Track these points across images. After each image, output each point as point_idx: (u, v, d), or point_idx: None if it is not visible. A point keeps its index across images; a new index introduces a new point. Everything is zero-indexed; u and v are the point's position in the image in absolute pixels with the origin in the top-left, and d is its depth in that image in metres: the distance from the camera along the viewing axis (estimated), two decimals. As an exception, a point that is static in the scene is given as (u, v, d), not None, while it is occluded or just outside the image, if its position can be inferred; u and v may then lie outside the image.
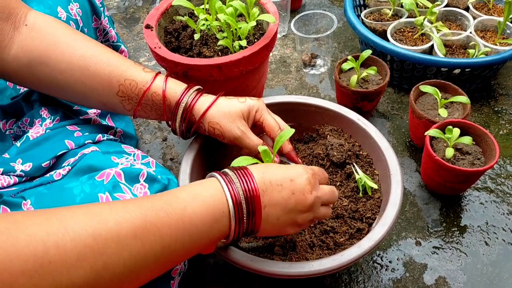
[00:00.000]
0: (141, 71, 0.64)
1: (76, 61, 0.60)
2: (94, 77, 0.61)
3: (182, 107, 0.64)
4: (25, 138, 0.63)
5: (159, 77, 0.65)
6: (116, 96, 0.63)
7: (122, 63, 0.63)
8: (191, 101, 0.64)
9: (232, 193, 0.49)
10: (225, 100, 0.66)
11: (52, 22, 0.61)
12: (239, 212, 0.49)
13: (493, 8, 1.10)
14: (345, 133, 0.79)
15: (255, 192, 0.50)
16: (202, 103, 0.65)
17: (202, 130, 0.67)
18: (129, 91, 0.63)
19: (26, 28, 0.58)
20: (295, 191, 0.53)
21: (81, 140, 0.64)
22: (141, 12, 1.41)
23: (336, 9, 1.37)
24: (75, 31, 0.64)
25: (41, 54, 0.59)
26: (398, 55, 0.96)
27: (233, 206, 0.49)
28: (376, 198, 0.71)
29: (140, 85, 0.63)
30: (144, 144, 1.00)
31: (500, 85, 1.06)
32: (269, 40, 0.79)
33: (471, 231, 0.80)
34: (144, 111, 0.66)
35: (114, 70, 0.62)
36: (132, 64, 0.64)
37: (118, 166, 0.58)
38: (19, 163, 0.59)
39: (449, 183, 0.78)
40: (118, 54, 0.65)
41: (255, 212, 0.51)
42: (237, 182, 0.50)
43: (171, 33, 0.87)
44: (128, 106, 0.65)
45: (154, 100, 0.64)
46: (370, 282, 0.74)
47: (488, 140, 0.77)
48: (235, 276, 0.75)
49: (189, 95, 0.65)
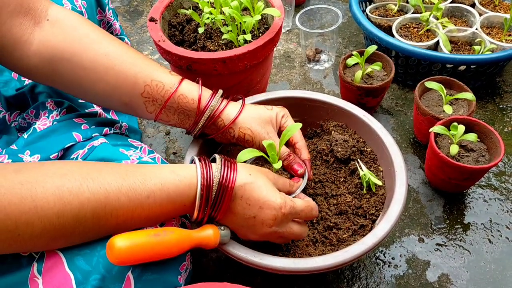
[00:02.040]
0: (168, 74, 0.64)
1: (100, 58, 0.59)
2: (119, 76, 0.60)
3: (209, 111, 0.64)
4: (32, 130, 0.63)
5: (185, 80, 0.65)
6: (141, 97, 0.62)
7: (148, 65, 0.63)
8: (219, 106, 0.65)
9: (204, 182, 0.52)
10: (253, 106, 0.68)
11: (75, 18, 0.61)
12: (206, 201, 0.52)
13: (499, 4, 1.09)
14: (349, 129, 0.78)
15: (231, 184, 0.53)
16: (232, 109, 0.66)
17: (230, 136, 0.67)
18: (155, 92, 0.62)
19: (48, 23, 0.58)
20: (257, 217, 0.55)
21: (88, 133, 0.64)
22: (145, 5, 1.41)
23: (341, 4, 1.36)
24: (99, 28, 0.63)
25: (64, 49, 0.58)
26: (403, 51, 0.95)
27: (200, 197, 0.52)
28: (380, 194, 0.70)
29: (167, 87, 0.62)
30: (147, 138, 1.00)
31: (506, 82, 1.05)
32: (274, 34, 0.79)
33: (474, 228, 0.79)
34: (166, 114, 0.65)
35: (141, 71, 0.61)
36: (159, 66, 0.64)
37: (129, 158, 0.59)
38: (27, 155, 0.59)
39: (453, 180, 0.78)
40: (143, 55, 0.65)
41: (223, 202, 0.53)
42: (218, 170, 0.53)
43: (175, 26, 0.87)
44: (151, 108, 0.63)
45: (180, 103, 0.63)
46: (372, 279, 0.74)
47: (493, 137, 0.76)
48: (237, 271, 0.75)
49: (217, 99, 0.65)
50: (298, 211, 0.58)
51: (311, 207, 0.61)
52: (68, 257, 0.46)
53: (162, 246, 0.48)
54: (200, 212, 0.53)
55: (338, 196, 0.71)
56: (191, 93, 0.64)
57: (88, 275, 0.45)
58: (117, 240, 0.45)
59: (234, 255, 0.58)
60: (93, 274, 0.45)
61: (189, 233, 0.52)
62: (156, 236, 0.48)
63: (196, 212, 0.53)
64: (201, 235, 0.54)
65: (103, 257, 0.46)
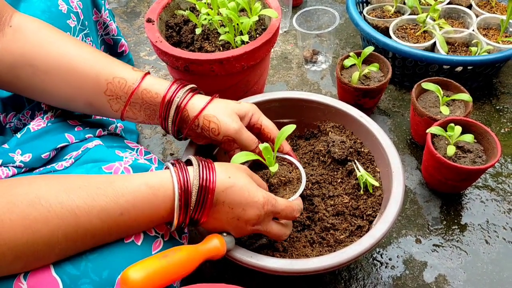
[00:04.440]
0: (130, 70, 0.62)
1: (62, 61, 0.58)
2: (81, 76, 0.59)
3: (175, 103, 0.62)
4: (26, 129, 0.63)
5: (149, 76, 0.63)
6: (104, 95, 0.61)
7: (110, 62, 0.61)
8: (184, 98, 0.62)
9: (182, 191, 0.50)
10: (222, 100, 0.66)
11: (37, 23, 0.60)
12: (185, 208, 0.51)
13: (496, 6, 1.10)
14: (346, 130, 0.78)
15: (212, 184, 0.52)
16: (198, 100, 0.63)
17: (195, 127, 0.64)
18: (118, 89, 0.61)
19: (10, 29, 0.57)
20: (240, 218, 0.55)
21: (81, 135, 0.64)
22: (142, 6, 1.41)
23: (338, 6, 1.37)
24: (61, 31, 0.62)
25: (25, 55, 0.57)
26: (400, 52, 0.96)
27: (179, 208, 0.50)
28: (377, 195, 0.70)
29: (130, 83, 0.61)
30: (144, 139, 0.99)
31: (502, 84, 1.06)
32: (271, 36, 0.79)
33: (471, 229, 0.79)
34: (132, 112, 0.63)
35: (103, 69, 0.60)
36: (121, 63, 0.63)
37: (123, 160, 0.58)
38: (18, 154, 0.59)
39: (450, 181, 0.78)
40: (106, 54, 0.63)
41: (206, 204, 0.52)
42: (195, 172, 0.52)
43: (172, 27, 0.87)
44: (116, 106, 0.62)
45: (144, 98, 0.62)
46: (369, 279, 0.74)
47: (490, 138, 0.77)
48: (235, 272, 0.75)
49: (183, 92, 0.63)
50: (278, 210, 0.58)
51: (292, 208, 0.60)
52: (56, 262, 0.45)
53: (175, 267, 0.48)
54: (179, 220, 0.52)
55: (335, 197, 0.71)
56: (155, 87, 0.62)
57: (76, 279, 0.45)
58: (130, 272, 0.44)
59: (231, 256, 0.58)
60: (82, 278, 0.45)
61: (195, 247, 0.52)
62: (166, 257, 0.47)
63: (176, 221, 0.51)
64: (208, 247, 0.53)
65: (91, 261, 0.46)
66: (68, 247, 0.45)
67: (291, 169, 0.68)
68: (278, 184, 0.65)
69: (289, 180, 0.66)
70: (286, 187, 0.65)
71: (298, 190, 0.64)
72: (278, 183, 0.65)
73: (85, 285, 0.45)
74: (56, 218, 0.44)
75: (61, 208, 0.44)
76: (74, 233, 0.45)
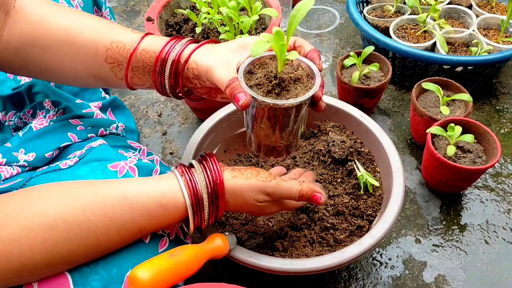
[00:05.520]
0: (128, 32, 0.57)
1: (61, 35, 0.55)
2: (81, 47, 0.56)
3: (171, 58, 0.55)
4: (28, 128, 0.63)
5: (149, 36, 0.57)
6: (106, 64, 0.57)
7: (107, 27, 0.57)
8: (180, 50, 0.55)
9: (190, 192, 0.51)
10: (213, 44, 0.57)
11: (37, 1, 0.57)
12: (198, 208, 0.51)
13: (496, 6, 1.10)
14: (347, 130, 0.78)
15: (220, 179, 0.52)
16: (188, 50, 0.55)
17: (189, 79, 0.56)
18: (117, 54, 0.56)
19: (14, 11, 0.55)
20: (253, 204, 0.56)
21: (83, 134, 0.64)
22: (142, 5, 1.40)
23: (338, 5, 1.36)
24: (61, 5, 0.60)
25: (28, 35, 0.55)
26: (400, 52, 0.95)
27: (192, 207, 0.51)
28: (377, 195, 0.70)
29: (128, 46, 0.56)
30: (143, 138, 0.99)
31: (502, 84, 1.06)
32: (272, 35, 0.78)
33: (471, 229, 0.80)
34: (137, 77, 0.58)
35: (100, 36, 0.56)
36: (120, 27, 0.58)
37: (128, 159, 0.58)
38: (22, 153, 0.59)
39: (450, 181, 0.78)
40: (106, 20, 0.59)
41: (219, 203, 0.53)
42: (200, 174, 0.52)
43: (172, 26, 0.87)
44: (120, 73, 0.57)
45: (144, 60, 0.56)
46: (369, 279, 0.74)
47: (490, 138, 0.77)
48: (234, 272, 0.75)
49: (181, 44, 0.56)
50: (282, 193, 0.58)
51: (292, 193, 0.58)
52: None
53: (182, 266, 0.48)
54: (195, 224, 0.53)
55: (335, 196, 0.71)
56: (154, 46, 0.56)
57: (86, 275, 0.45)
58: (138, 272, 0.44)
59: (230, 256, 0.58)
60: (92, 274, 0.45)
61: (200, 246, 0.52)
62: (173, 256, 0.47)
63: (192, 227, 0.53)
64: (212, 246, 0.53)
65: (101, 257, 0.46)
66: (87, 260, 0.46)
67: (295, 67, 0.54)
68: (288, 81, 0.52)
69: (298, 78, 0.53)
70: (297, 85, 0.53)
71: (311, 87, 0.52)
72: (289, 80, 0.52)
73: (94, 281, 0.45)
74: (75, 239, 0.44)
75: (80, 229, 0.44)
76: (94, 250, 0.46)
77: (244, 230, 0.67)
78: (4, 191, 0.53)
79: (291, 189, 0.57)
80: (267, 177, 0.55)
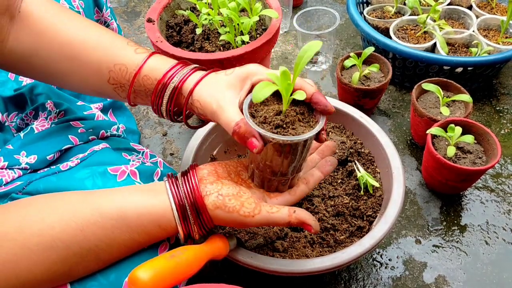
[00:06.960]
0: (133, 53, 0.55)
1: (65, 49, 0.54)
2: (84, 66, 0.55)
3: (171, 88, 0.54)
4: (29, 129, 0.63)
5: (153, 57, 0.55)
6: (109, 84, 0.56)
7: (112, 45, 0.55)
8: (181, 80, 0.54)
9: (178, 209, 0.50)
10: (214, 74, 0.55)
11: (43, 7, 0.56)
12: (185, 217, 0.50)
13: (496, 7, 1.10)
14: (347, 131, 0.78)
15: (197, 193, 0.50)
16: (191, 81, 0.54)
17: (189, 108, 0.56)
18: (120, 77, 0.55)
19: (19, 16, 0.54)
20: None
21: (84, 137, 0.64)
22: (142, 6, 1.41)
23: (338, 6, 1.37)
24: (68, 12, 0.58)
25: (32, 43, 0.54)
26: (400, 52, 0.96)
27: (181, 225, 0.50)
28: (377, 196, 0.70)
29: (130, 69, 0.54)
30: (144, 139, 0.99)
31: (502, 84, 1.06)
32: (272, 36, 0.79)
33: (471, 230, 0.80)
34: (140, 98, 0.57)
35: (104, 55, 0.55)
36: (125, 45, 0.56)
37: (129, 163, 0.58)
38: (23, 156, 0.59)
39: (450, 182, 0.78)
40: (111, 33, 0.57)
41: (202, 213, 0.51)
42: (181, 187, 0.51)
43: (172, 27, 0.87)
44: (123, 94, 0.57)
45: (145, 85, 0.55)
46: (369, 280, 0.74)
47: (490, 139, 0.77)
48: (234, 272, 0.75)
49: (183, 72, 0.54)
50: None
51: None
52: None
53: (182, 266, 0.48)
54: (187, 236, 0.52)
55: (335, 197, 0.71)
56: (156, 72, 0.54)
57: (84, 282, 0.45)
58: (139, 272, 0.44)
59: (231, 257, 0.58)
60: (90, 281, 0.46)
61: (200, 247, 0.52)
62: (174, 257, 0.47)
63: (183, 240, 0.52)
64: (212, 247, 0.53)
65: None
66: (88, 273, 0.47)
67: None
68: (293, 118, 0.51)
69: (302, 112, 0.52)
70: (300, 122, 0.52)
71: (312, 120, 0.52)
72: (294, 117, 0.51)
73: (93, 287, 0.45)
74: (74, 258, 0.44)
75: (79, 249, 0.44)
76: (95, 265, 0.46)
77: (244, 231, 0.67)
78: (4, 194, 0.54)
79: (278, 222, 0.52)
80: (250, 212, 0.50)
